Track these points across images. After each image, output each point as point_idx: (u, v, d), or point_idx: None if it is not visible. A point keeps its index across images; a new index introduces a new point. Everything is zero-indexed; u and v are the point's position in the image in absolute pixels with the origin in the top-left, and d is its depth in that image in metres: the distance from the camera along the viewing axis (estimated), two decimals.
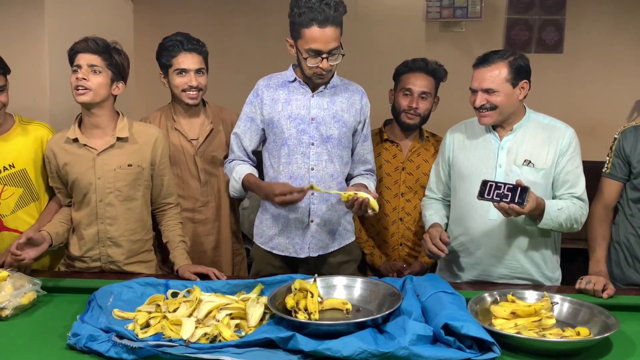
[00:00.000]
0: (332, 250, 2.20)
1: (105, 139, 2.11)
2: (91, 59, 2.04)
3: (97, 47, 2.05)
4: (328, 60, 2.00)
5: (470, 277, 2.19)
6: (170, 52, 2.31)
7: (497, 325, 1.65)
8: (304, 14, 1.94)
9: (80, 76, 2.02)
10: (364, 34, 3.92)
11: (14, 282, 1.85)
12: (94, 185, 2.10)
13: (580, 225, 2.09)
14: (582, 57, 3.88)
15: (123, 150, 2.12)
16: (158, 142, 2.18)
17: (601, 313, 1.67)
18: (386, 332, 1.56)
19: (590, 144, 2.72)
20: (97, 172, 2.10)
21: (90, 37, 2.07)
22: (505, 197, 1.88)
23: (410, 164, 2.54)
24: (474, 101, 2.08)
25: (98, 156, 2.10)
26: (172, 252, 2.18)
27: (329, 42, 1.97)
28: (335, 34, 1.98)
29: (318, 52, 1.98)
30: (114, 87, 2.10)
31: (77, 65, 2.04)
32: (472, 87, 2.08)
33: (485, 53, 2.09)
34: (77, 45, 2.07)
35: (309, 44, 1.97)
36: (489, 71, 2.04)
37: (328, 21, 1.94)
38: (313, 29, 1.95)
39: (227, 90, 2.99)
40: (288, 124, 2.10)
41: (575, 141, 2.11)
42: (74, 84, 2.04)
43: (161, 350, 1.51)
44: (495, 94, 2.04)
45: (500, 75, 2.03)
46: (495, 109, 2.06)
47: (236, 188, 2.17)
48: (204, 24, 3.95)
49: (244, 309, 1.68)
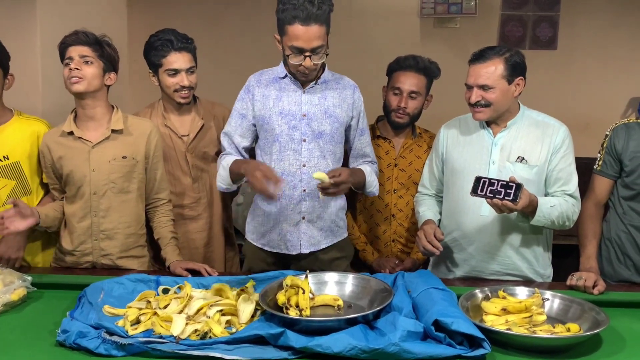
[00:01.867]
0: (324, 247, 2.19)
1: (100, 131, 2.13)
2: (82, 50, 2.06)
3: (87, 39, 2.07)
4: (311, 59, 1.97)
5: (462, 273, 2.19)
6: (159, 51, 2.29)
7: (487, 321, 1.65)
8: (287, 10, 1.93)
9: (73, 66, 2.04)
10: (359, 30, 3.92)
11: (4, 279, 1.84)
12: (89, 177, 2.11)
13: (572, 223, 2.09)
14: (576, 53, 3.89)
15: (118, 142, 2.13)
16: (152, 135, 2.19)
17: (592, 309, 1.68)
18: (377, 329, 1.56)
19: (584, 141, 2.72)
20: (92, 164, 2.11)
21: (80, 30, 2.09)
22: (499, 193, 1.88)
23: (402, 160, 2.53)
24: (469, 97, 2.07)
25: (93, 148, 2.11)
26: (163, 248, 2.18)
27: (311, 41, 1.94)
28: (319, 33, 1.94)
29: (300, 49, 1.96)
30: (106, 77, 2.12)
31: (69, 57, 2.06)
32: (468, 83, 2.08)
33: (481, 49, 2.09)
34: (67, 38, 2.08)
35: (292, 41, 1.95)
36: (484, 67, 2.03)
37: (311, 19, 1.91)
38: (296, 26, 1.93)
39: (220, 86, 2.98)
40: (279, 120, 2.09)
41: (569, 139, 2.11)
42: (67, 75, 2.05)
43: (151, 346, 1.51)
44: (490, 91, 2.03)
45: (496, 72, 2.02)
46: (489, 106, 2.05)
47: (224, 177, 2.12)
48: (197, 19, 3.95)
49: (234, 306, 1.68)
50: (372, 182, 2.20)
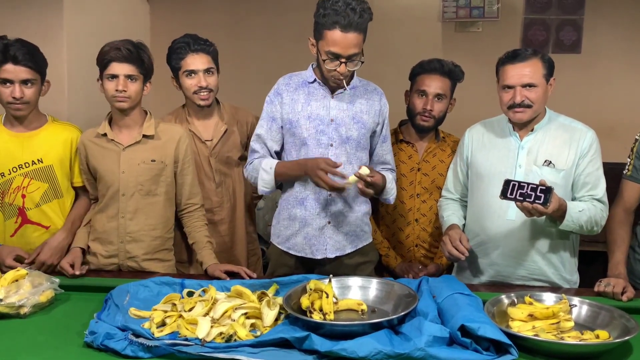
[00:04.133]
0: (349, 252, 2.19)
1: (132, 135, 2.19)
2: (128, 69, 2.11)
3: (131, 55, 2.10)
4: (347, 66, 1.98)
5: (487, 278, 2.17)
6: (178, 54, 2.32)
7: (514, 327, 1.63)
8: (328, 15, 1.92)
9: (120, 88, 2.09)
10: (380, 34, 3.90)
11: (33, 280, 1.87)
12: (118, 178, 2.16)
13: (600, 228, 2.06)
14: (600, 57, 3.83)
15: (148, 147, 2.19)
16: (182, 140, 2.23)
17: (621, 316, 1.64)
18: (402, 334, 1.55)
19: (609, 145, 2.67)
20: (122, 166, 2.16)
21: (121, 44, 2.11)
22: (529, 197, 1.86)
23: (425, 164, 2.52)
24: (511, 98, 2.03)
25: (124, 151, 2.17)
26: (199, 252, 2.20)
27: (349, 48, 1.95)
28: (357, 40, 1.95)
29: (337, 55, 1.96)
30: (144, 89, 2.19)
31: (113, 74, 2.10)
32: (509, 84, 2.03)
33: (513, 50, 2.06)
34: (110, 53, 2.10)
35: (329, 46, 1.95)
36: (527, 66, 2.01)
37: (351, 26, 1.91)
38: (335, 32, 1.93)
39: (243, 90, 3.01)
40: (307, 124, 2.10)
41: (596, 143, 2.09)
42: (111, 92, 2.11)
43: (177, 349, 1.52)
44: (534, 90, 2.01)
45: (539, 71, 2.01)
46: (532, 107, 2.03)
47: (267, 180, 2.10)
48: (220, 25, 3.98)
49: (259, 309, 1.68)
50: (390, 189, 2.19)
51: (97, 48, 2.15)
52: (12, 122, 2.21)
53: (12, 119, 2.20)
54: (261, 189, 2.14)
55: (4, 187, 2.20)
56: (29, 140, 2.21)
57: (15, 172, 2.20)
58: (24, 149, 2.20)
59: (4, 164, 2.19)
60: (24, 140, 2.21)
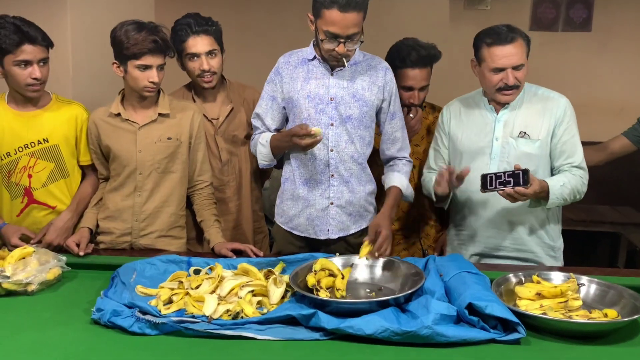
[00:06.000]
0: (352, 232, 2.18)
1: (147, 114, 2.18)
2: (160, 60, 2.09)
3: (160, 47, 2.07)
4: (345, 45, 1.93)
5: (477, 250, 2.20)
6: (180, 36, 2.28)
7: (521, 306, 1.62)
8: None
9: (155, 80, 2.08)
10: (387, 11, 3.86)
11: (39, 258, 1.88)
12: (135, 158, 2.15)
13: (582, 195, 2.09)
14: (611, 35, 3.77)
15: (163, 125, 2.18)
16: (195, 116, 2.24)
17: (630, 295, 1.63)
18: (409, 312, 1.54)
19: (619, 125, 2.64)
20: (139, 145, 2.16)
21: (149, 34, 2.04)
22: (508, 183, 1.90)
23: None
24: (502, 80, 2.03)
25: (139, 130, 2.16)
26: (207, 230, 2.20)
27: (348, 28, 1.90)
28: (357, 20, 1.89)
29: (336, 35, 1.92)
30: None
31: (146, 65, 2.06)
32: (500, 66, 2.02)
33: (495, 30, 2.04)
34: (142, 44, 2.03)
35: (328, 25, 1.91)
36: (515, 47, 2.01)
37: (350, 6, 1.86)
38: (333, 11, 1.87)
39: (248, 68, 2.98)
40: (307, 103, 2.07)
41: (570, 110, 2.09)
42: (142, 82, 2.08)
43: (184, 326, 1.52)
44: (522, 70, 2.03)
45: (524, 50, 2.03)
46: (519, 87, 2.05)
47: (265, 154, 2.11)
48: (224, 3, 3.93)
49: (265, 286, 1.68)
50: (408, 196, 2.18)
51: (101, 26, 2.12)
52: (17, 100, 2.19)
53: (18, 97, 2.18)
54: (261, 163, 2.16)
55: (10, 167, 2.20)
56: (33, 119, 2.20)
57: (21, 151, 2.19)
58: (29, 128, 2.19)
59: (9, 144, 2.18)
60: (29, 119, 2.19)
